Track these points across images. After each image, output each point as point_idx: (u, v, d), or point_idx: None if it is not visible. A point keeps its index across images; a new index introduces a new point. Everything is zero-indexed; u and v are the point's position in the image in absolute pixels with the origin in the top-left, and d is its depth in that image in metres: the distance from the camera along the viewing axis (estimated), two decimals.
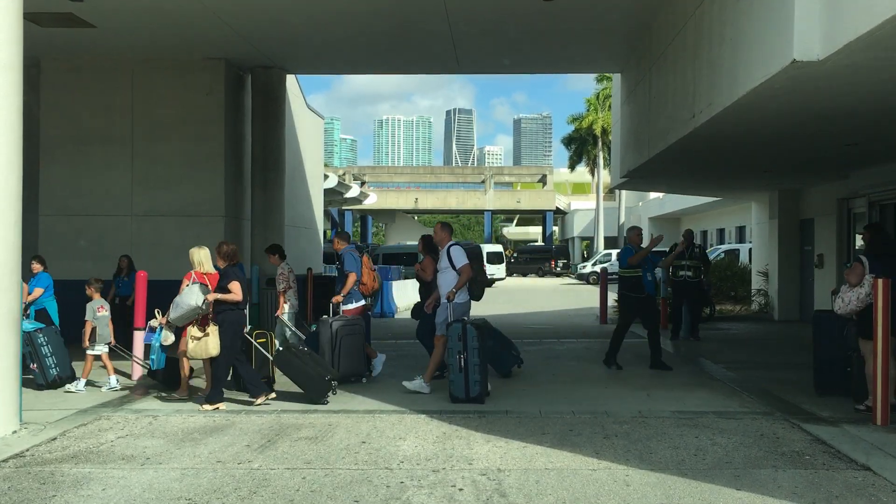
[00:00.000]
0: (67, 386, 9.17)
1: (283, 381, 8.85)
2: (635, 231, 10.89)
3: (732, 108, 7.98)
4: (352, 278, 9.64)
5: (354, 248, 9.91)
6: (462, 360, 8.14)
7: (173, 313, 8.17)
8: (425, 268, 9.87)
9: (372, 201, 53.54)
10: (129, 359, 9.97)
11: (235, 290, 7.96)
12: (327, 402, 8.20)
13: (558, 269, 51.43)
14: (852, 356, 7.94)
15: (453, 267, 8.70)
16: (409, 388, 8.81)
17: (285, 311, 10.56)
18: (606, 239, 51.88)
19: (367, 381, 9.54)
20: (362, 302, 9.90)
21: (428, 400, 8.46)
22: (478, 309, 10.25)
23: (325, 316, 9.54)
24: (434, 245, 9.38)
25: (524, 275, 48.33)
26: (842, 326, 8.11)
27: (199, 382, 9.13)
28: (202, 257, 8.50)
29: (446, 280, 8.73)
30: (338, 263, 10.06)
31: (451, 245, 8.84)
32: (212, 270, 8.47)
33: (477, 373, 8.16)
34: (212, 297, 8.01)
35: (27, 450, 6.47)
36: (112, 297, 11.80)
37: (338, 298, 9.65)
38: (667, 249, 16.09)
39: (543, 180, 63.01)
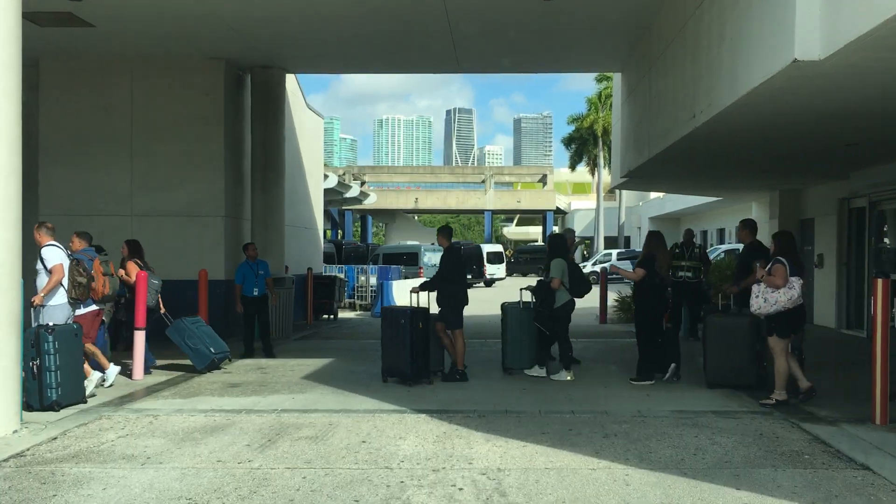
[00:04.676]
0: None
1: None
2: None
3: (732, 108, 7.98)
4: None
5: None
6: (35, 367, 7.80)
7: None
8: (129, 272, 9.85)
9: (372, 201, 53.50)
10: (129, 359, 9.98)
11: None
12: None
13: None
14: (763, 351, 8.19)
15: (45, 268, 8.34)
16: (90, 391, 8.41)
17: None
18: (607, 239, 51.86)
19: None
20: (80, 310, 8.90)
21: (428, 400, 8.48)
22: (477, 309, 10.17)
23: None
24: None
25: (524, 274, 48.28)
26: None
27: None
28: None
29: (41, 283, 8.41)
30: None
31: (45, 245, 8.45)
32: None
33: (53, 379, 7.81)
34: None
35: (28, 449, 6.47)
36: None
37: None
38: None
39: (544, 180, 62.95)
